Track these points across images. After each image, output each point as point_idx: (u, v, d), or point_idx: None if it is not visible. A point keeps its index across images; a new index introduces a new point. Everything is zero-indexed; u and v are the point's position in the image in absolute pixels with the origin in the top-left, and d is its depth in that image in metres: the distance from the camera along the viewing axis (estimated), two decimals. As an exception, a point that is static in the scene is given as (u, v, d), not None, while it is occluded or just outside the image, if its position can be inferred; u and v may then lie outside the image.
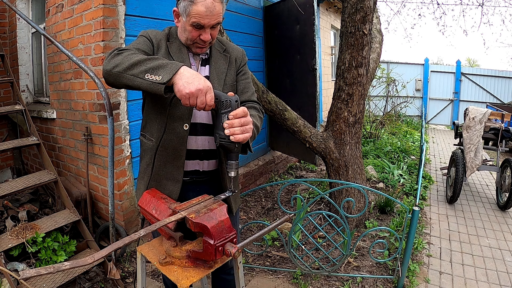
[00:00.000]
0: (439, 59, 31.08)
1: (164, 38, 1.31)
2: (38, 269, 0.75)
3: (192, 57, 1.34)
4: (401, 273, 2.25)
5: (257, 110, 1.37)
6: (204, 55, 1.36)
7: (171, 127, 1.27)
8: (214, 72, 1.34)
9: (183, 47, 1.32)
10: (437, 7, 7.12)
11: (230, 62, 1.39)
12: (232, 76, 1.39)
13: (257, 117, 1.31)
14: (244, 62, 1.46)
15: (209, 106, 1.01)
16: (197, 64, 1.35)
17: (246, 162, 4.12)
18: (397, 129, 8.06)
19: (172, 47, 1.30)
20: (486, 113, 3.78)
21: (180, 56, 1.29)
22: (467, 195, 4.19)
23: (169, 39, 1.32)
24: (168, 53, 1.28)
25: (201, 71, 1.34)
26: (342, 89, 2.81)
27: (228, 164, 1.13)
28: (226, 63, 1.38)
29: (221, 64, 1.37)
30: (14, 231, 2.17)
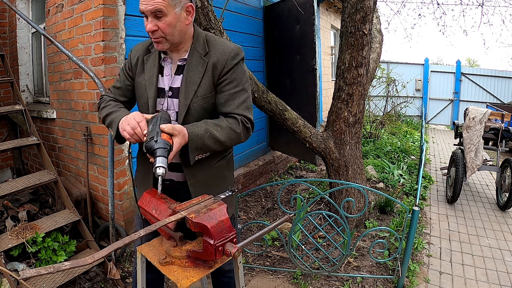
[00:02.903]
0: (439, 59, 31.08)
1: (143, 52, 1.32)
2: (38, 269, 0.75)
3: (169, 65, 1.29)
4: (401, 273, 2.25)
5: (235, 121, 1.25)
6: (182, 60, 1.27)
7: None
8: (185, 82, 1.25)
9: (157, 59, 1.30)
10: (437, 7, 7.13)
11: (207, 70, 1.24)
12: (207, 87, 1.25)
13: (226, 128, 1.21)
14: (229, 67, 1.25)
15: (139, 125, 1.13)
16: (172, 72, 1.29)
17: (246, 162, 4.12)
18: (397, 129, 8.06)
19: (148, 62, 1.31)
20: (486, 113, 3.78)
21: (150, 72, 1.29)
22: (467, 195, 4.19)
23: (150, 50, 1.32)
24: (142, 70, 1.32)
25: (174, 80, 1.28)
26: (342, 89, 2.81)
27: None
28: (202, 70, 1.24)
29: (195, 72, 1.25)
30: (14, 231, 2.17)
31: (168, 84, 1.29)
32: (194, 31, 1.30)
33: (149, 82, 1.29)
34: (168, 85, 1.29)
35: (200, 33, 1.31)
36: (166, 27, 1.16)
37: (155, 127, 1.10)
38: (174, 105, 1.28)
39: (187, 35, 1.26)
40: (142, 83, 1.31)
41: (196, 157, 1.20)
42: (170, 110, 1.28)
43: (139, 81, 1.33)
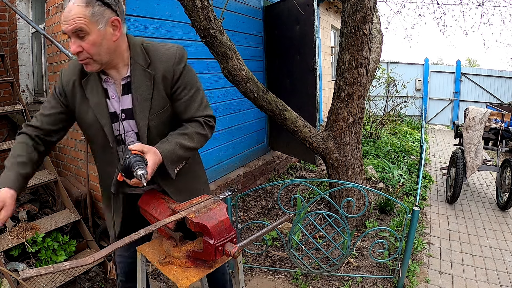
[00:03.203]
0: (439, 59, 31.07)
1: (77, 76, 1.19)
2: (38, 269, 0.75)
3: (111, 86, 1.19)
4: (401, 273, 2.25)
5: (199, 125, 1.25)
6: (125, 78, 1.18)
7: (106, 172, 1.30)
8: (137, 101, 1.17)
9: (97, 81, 1.18)
10: (437, 7, 7.13)
11: (155, 83, 1.18)
12: (160, 100, 1.20)
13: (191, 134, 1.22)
14: (178, 74, 1.20)
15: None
16: (119, 94, 1.19)
17: (246, 162, 4.12)
18: (397, 129, 8.05)
19: (88, 86, 1.18)
20: (486, 113, 3.78)
21: (96, 97, 1.18)
22: (467, 195, 4.19)
23: (86, 72, 1.17)
24: (83, 96, 1.18)
25: (123, 102, 1.20)
26: (342, 89, 2.81)
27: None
28: (150, 85, 1.18)
29: (144, 88, 1.18)
30: (14, 231, 2.18)
31: (119, 106, 1.20)
32: (129, 42, 1.19)
33: (98, 109, 1.17)
34: (118, 108, 1.20)
35: (136, 43, 1.20)
36: (90, 47, 1.06)
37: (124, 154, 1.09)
38: (131, 126, 1.22)
39: (119, 51, 1.14)
40: (88, 110, 1.18)
41: (175, 170, 1.20)
42: (128, 132, 1.22)
43: (82, 109, 1.19)
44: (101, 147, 1.24)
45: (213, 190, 3.41)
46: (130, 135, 1.23)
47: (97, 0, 1.04)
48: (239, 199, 3.71)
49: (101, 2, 1.05)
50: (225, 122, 3.63)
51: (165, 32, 2.77)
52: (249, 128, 4.13)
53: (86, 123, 1.21)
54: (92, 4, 1.03)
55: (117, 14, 1.10)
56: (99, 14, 1.05)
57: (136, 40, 1.21)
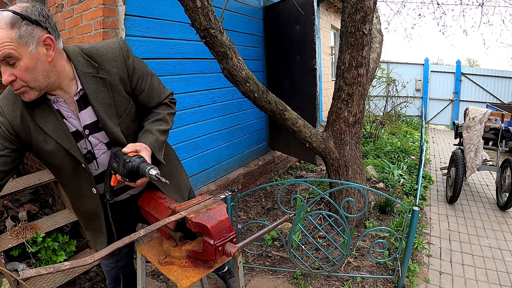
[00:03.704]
0: (439, 59, 31.08)
1: (22, 105, 1.04)
2: (38, 269, 0.75)
3: (63, 104, 1.09)
4: (401, 273, 2.25)
5: (167, 106, 1.28)
6: (77, 94, 1.08)
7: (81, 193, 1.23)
8: (101, 111, 1.10)
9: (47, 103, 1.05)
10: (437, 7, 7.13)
11: (112, 86, 1.12)
12: (123, 102, 1.16)
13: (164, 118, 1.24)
14: (131, 68, 1.16)
15: None
16: (76, 111, 1.10)
17: (246, 162, 4.12)
18: (397, 129, 8.05)
19: (37, 113, 1.04)
20: (486, 113, 3.78)
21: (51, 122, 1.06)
22: (467, 195, 4.19)
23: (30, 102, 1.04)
24: (37, 126, 1.05)
25: (83, 118, 1.11)
26: (342, 89, 2.81)
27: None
28: (108, 90, 1.11)
29: (103, 94, 1.10)
30: (14, 231, 2.18)
31: (79, 124, 1.12)
32: (67, 54, 1.08)
33: (58, 133, 1.07)
34: (80, 125, 1.12)
35: (75, 52, 1.10)
36: (23, 73, 0.94)
37: (119, 159, 1.06)
38: (100, 138, 1.17)
39: (58, 69, 1.03)
40: (47, 139, 1.08)
41: (162, 156, 1.23)
42: (96, 146, 1.17)
43: (39, 139, 1.07)
44: (71, 171, 1.15)
45: (213, 190, 3.41)
46: (99, 147, 1.18)
47: (23, 19, 0.91)
48: (239, 199, 3.71)
49: (27, 21, 0.92)
50: (225, 122, 3.64)
51: (165, 32, 2.77)
52: (249, 128, 4.13)
53: (48, 153, 1.09)
54: (18, 25, 0.90)
55: (49, 32, 0.98)
56: (28, 34, 0.92)
57: (74, 49, 1.11)
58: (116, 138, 1.15)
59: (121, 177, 1.06)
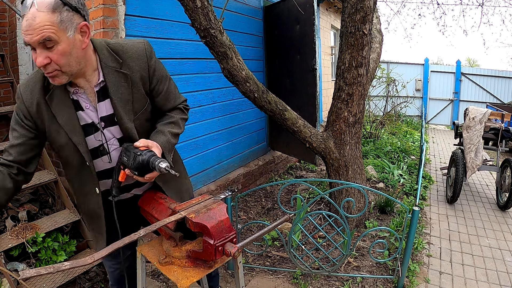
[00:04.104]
0: (439, 59, 31.07)
1: (40, 93, 1.07)
2: (38, 269, 0.75)
3: (82, 96, 1.11)
4: (401, 273, 2.25)
5: (181, 111, 1.32)
6: (98, 85, 1.11)
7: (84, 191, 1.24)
8: (118, 105, 1.12)
9: (64, 95, 1.08)
10: (437, 7, 7.13)
11: (133, 84, 1.15)
12: (141, 100, 1.19)
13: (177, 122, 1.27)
14: (152, 69, 1.20)
15: None
16: (94, 102, 1.12)
17: (246, 162, 4.12)
18: (397, 129, 8.05)
19: (53, 103, 1.07)
20: (486, 113, 3.78)
21: (64, 113, 1.08)
22: (467, 195, 4.19)
23: (48, 87, 1.08)
24: (52, 115, 1.08)
25: (101, 109, 1.13)
26: (342, 89, 2.81)
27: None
28: (128, 86, 1.14)
29: (123, 89, 1.13)
30: (14, 231, 2.18)
31: (96, 115, 1.13)
32: (94, 46, 1.11)
33: (69, 127, 1.09)
34: (96, 117, 1.13)
35: (101, 45, 1.13)
36: (59, 57, 0.96)
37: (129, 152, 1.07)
38: (113, 133, 1.18)
39: (87, 57, 1.07)
40: (59, 130, 1.10)
41: (171, 158, 1.23)
42: (110, 140, 1.18)
43: (52, 129, 1.10)
44: (77, 166, 1.17)
45: (213, 190, 3.41)
46: (112, 142, 1.18)
47: (64, 4, 0.93)
48: (239, 199, 3.71)
49: (68, 6, 0.94)
50: (225, 122, 3.64)
51: (165, 32, 2.77)
52: (249, 128, 4.13)
53: (59, 144, 1.12)
54: (59, 10, 0.92)
55: (85, 19, 1.01)
56: (68, 20, 0.95)
57: (100, 42, 1.13)
58: (130, 134, 1.17)
59: (130, 171, 1.07)
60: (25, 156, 1.10)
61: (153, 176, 1.08)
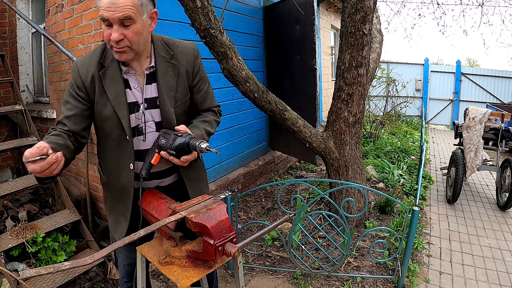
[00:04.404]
0: (439, 59, 31.07)
1: (95, 68, 1.17)
2: (38, 269, 0.75)
3: (132, 76, 1.21)
4: (401, 273, 2.25)
5: (214, 113, 1.42)
6: (149, 69, 1.22)
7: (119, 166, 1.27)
8: (163, 90, 1.22)
9: (117, 72, 1.18)
10: (437, 7, 7.12)
11: (179, 74, 1.26)
12: (183, 91, 1.28)
13: (211, 121, 1.36)
14: (197, 66, 1.31)
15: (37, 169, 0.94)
16: (142, 84, 1.22)
17: (246, 162, 4.12)
18: (397, 129, 8.05)
19: (107, 78, 1.18)
20: (486, 113, 3.78)
21: (115, 89, 1.18)
22: (467, 195, 4.19)
23: (103, 64, 1.19)
24: (102, 89, 1.18)
25: (146, 91, 1.23)
26: (342, 89, 2.81)
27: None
28: (175, 75, 1.25)
29: (169, 78, 1.24)
30: (14, 231, 2.18)
31: (141, 96, 1.22)
32: (151, 37, 1.24)
33: (117, 101, 1.18)
34: (141, 97, 1.22)
35: (156, 36, 1.27)
36: (133, 35, 1.08)
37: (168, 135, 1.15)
38: (153, 115, 1.25)
39: (148, 42, 1.21)
40: (106, 103, 1.19)
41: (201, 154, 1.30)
42: (148, 122, 1.25)
43: (100, 101, 1.19)
44: (116, 140, 1.24)
45: (213, 190, 3.41)
46: (149, 125, 1.26)
47: None
48: (239, 199, 3.71)
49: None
50: (225, 122, 3.63)
51: (165, 32, 2.77)
52: (249, 128, 4.13)
53: (103, 116, 1.21)
54: None
55: (155, 7, 1.16)
56: (145, 5, 1.10)
57: (156, 35, 1.27)
58: (169, 118, 1.24)
59: (167, 152, 1.13)
60: (79, 126, 1.19)
61: (189, 159, 1.14)
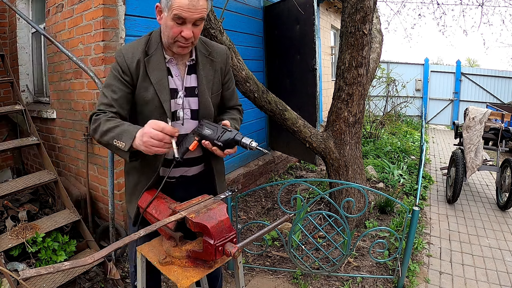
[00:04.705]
0: (439, 59, 31.07)
1: (141, 54, 1.25)
2: (38, 269, 0.75)
3: (175, 66, 1.30)
4: (401, 273, 2.25)
5: (239, 112, 1.52)
6: (190, 61, 1.32)
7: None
8: (203, 80, 1.33)
9: (161, 60, 1.26)
10: (437, 7, 7.12)
11: (215, 70, 1.37)
12: (218, 85, 1.39)
13: (238, 120, 1.46)
14: (228, 67, 1.45)
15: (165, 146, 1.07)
16: (182, 74, 1.31)
17: (246, 162, 4.12)
18: (397, 129, 8.05)
19: (151, 65, 1.25)
20: (486, 113, 3.78)
21: (158, 74, 1.25)
22: (467, 195, 4.19)
23: (148, 52, 1.26)
24: (146, 74, 1.25)
25: (186, 81, 1.31)
26: (342, 89, 2.81)
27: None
28: (212, 70, 1.36)
29: (208, 71, 1.35)
30: (14, 231, 2.18)
31: (181, 84, 1.31)
32: None
33: (160, 86, 1.25)
34: (181, 85, 1.31)
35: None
36: (198, 33, 1.22)
37: (215, 127, 1.22)
38: (190, 103, 1.33)
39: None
40: (148, 87, 1.26)
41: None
42: (185, 109, 1.33)
43: (142, 86, 1.26)
44: None
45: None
46: (186, 112, 1.33)
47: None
48: (239, 199, 3.71)
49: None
50: (225, 122, 3.63)
51: (165, 32, 2.77)
52: (249, 128, 4.13)
53: (145, 100, 1.26)
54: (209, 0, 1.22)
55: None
56: (209, 7, 1.22)
57: None
58: (206, 106, 1.33)
59: (212, 143, 1.20)
60: (124, 110, 1.25)
61: (231, 153, 1.23)
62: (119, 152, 1.16)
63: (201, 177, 1.44)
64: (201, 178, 1.44)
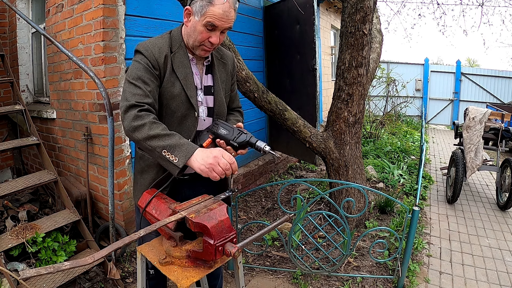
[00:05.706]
0: (439, 59, 31.09)
1: (166, 50, 1.29)
2: (38, 269, 0.75)
3: (195, 65, 1.37)
4: (401, 273, 2.25)
5: (241, 114, 1.59)
6: (207, 62, 1.40)
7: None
8: (218, 81, 1.41)
9: (185, 58, 1.32)
10: (437, 7, 7.12)
11: (227, 72, 1.46)
12: (228, 86, 1.48)
13: (241, 122, 1.52)
14: (235, 72, 1.55)
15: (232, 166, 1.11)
16: (201, 73, 1.39)
17: (246, 162, 4.12)
18: (397, 129, 8.05)
19: (176, 61, 1.30)
20: (486, 113, 3.78)
21: (184, 71, 1.31)
22: (467, 195, 4.19)
23: (171, 49, 1.30)
24: (172, 70, 1.29)
25: (204, 80, 1.39)
26: (342, 89, 2.81)
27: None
28: (225, 71, 1.45)
29: (221, 72, 1.44)
30: (14, 231, 2.17)
31: (200, 82, 1.38)
32: None
33: (186, 81, 1.31)
34: (200, 83, 1.37)
35: None
36: (222, 39, 1.29)
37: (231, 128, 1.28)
38: (207, 100, 1.40)
39: None
40: (175, 82, 1.29)
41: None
42: (202, 106, 1.39)
43: (169, 81, 1.29)
44: (180, 117, 1.33)
45: (213, 190, 3.40)
46: (203, 109, 1.39)
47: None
48: (239, 199, 3.71)
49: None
50: (225, 122, 3.63)
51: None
52: (249, 128, 4.12)
53: (171, 95, 1.30)
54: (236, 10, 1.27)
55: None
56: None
57: None
58: (221, 105, 1.41)
59: (228, 143, 1.25)
60: (155, 102, 1.26)
61: (243, 153, 1.28)
62: (164, 163, 1.12)
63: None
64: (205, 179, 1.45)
